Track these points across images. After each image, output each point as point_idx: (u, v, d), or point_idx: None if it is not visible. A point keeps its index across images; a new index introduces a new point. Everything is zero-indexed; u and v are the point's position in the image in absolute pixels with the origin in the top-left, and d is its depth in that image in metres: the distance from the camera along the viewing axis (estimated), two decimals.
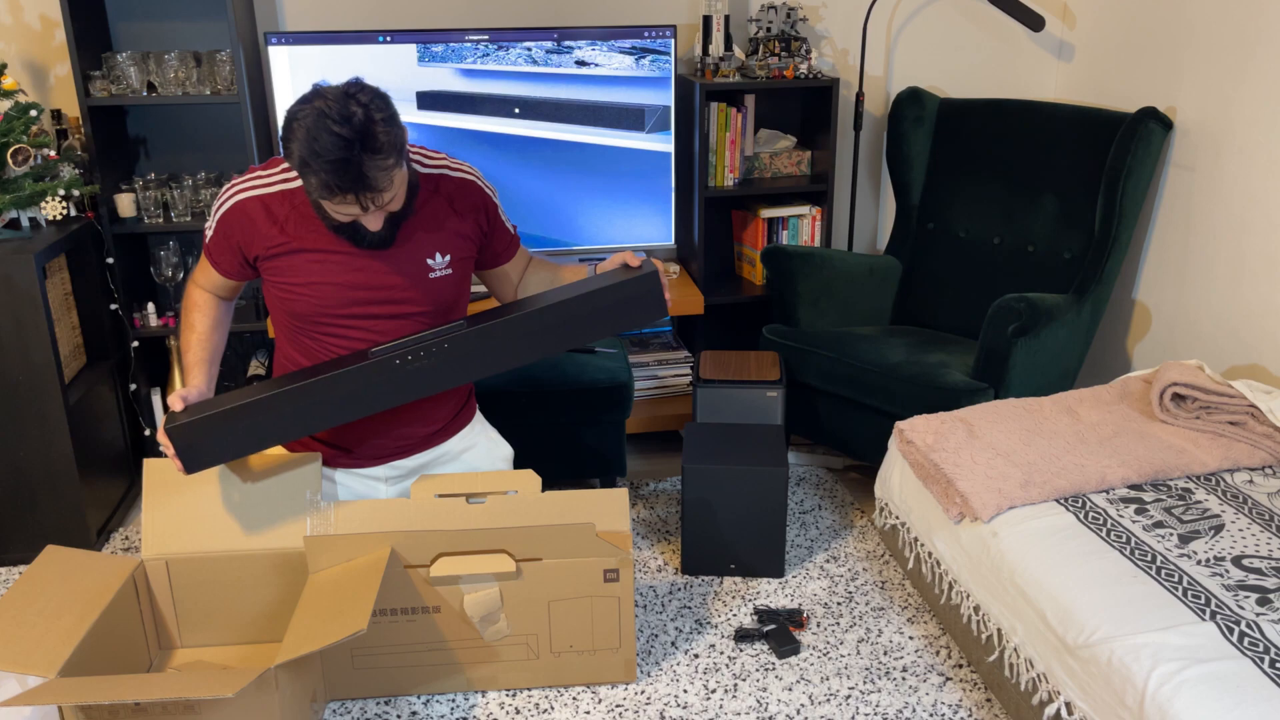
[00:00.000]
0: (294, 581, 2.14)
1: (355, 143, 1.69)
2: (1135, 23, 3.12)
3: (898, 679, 2.22)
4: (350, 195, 1.74)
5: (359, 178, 1.72)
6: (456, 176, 2.07)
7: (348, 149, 1.69)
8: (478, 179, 2.11)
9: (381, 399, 1.91)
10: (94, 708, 1.80)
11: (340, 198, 1.75)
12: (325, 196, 1.75)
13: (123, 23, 3.01)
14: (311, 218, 1.95)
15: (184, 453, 1.87)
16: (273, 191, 1.96)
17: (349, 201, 1.77)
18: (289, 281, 1.98)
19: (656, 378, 3.31)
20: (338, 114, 1.69)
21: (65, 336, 2.71)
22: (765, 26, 3.24)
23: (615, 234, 3.24)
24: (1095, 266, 2.92)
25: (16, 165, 2.61)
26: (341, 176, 1.70)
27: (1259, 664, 1.62)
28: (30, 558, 2.67)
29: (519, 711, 2.14)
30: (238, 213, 1.96)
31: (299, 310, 2.01)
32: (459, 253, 2.06)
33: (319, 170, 1.71)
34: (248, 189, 1.97)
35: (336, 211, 1.83)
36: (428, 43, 2.99)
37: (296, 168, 1.75)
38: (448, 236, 2.04)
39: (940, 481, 2.26)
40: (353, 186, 1.72)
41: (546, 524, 2.06)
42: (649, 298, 1.97)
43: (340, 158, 1.69)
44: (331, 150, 1.69)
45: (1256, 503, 2.12)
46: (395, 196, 1.83)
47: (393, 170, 1.76)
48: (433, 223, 2.02)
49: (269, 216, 1.95)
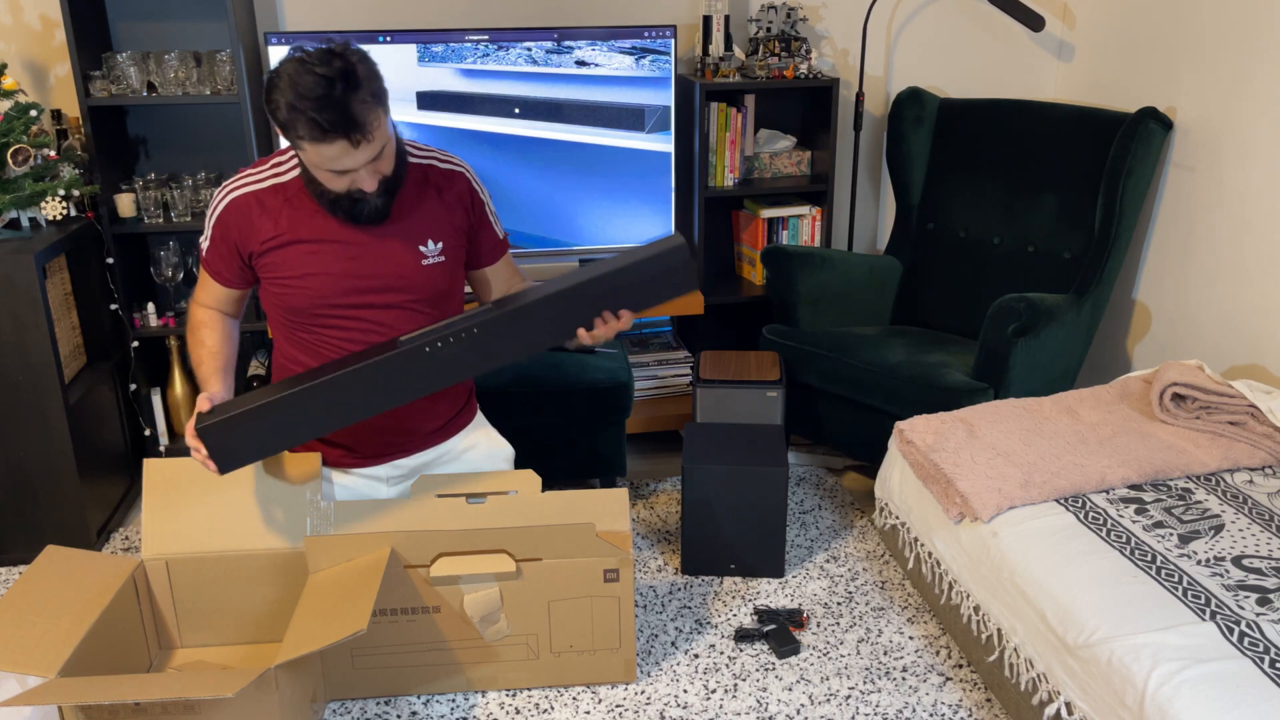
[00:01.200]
0: (294, 581, 2.14)
1: (337, 80, 1.73)
2: (1135, 23, 3.12)
3: (898, 679, 2.22)
4: (339, 136, 1.76)
5: (344, 113, 1.74)
6: (444, 167, 2.09)
7: (330, 86, 1.73)
8: (467, 172, 2.12)
9: (412, 388, 1.88)
10: (94, 708, 1.80)
11: (330, 140, 1.76)
12: (316, 139, 1.77)
13: (123, 23, 3.01)
14: (304, 208, 1.97)
15: (216, 452, 1.84)
16: (264, 186, 1.98)
17: (339, 148, 1.78)
18: (285, 276, 1.99)
19: (656, 378, 3.31)
20: (318, 59, 1.76)
21: (65, 336, 2.71)
22: (765, 26, 3.24)
23: (615, 234, 3.24)
24: (1095, 266, 2.92)
25: (16, 165, 2.61)
26: (328, 111, 1.73)
27: (1259, 664, 1.62)
28: (30, 558, 2.67)
29: (519, 711, 2.14)
30: (232, 211, 1.98)
31: (296, 304, 2.01)
32: (450, 241, 2.07)
33: (305, 110, 1.73)
34: (239, 187, 1.99)
35: (331, 170, 1.84)
36: (428, 43, 2.99)
37: (284, 117, 1.77)
38: (438, 224, 2.05)
39: (940, 481, 2.26)
40: (340, 124, 1.75)
41: (546, 524, 2.06)
42: (679, 270, 1.92)
43: (324, 94, 1.73)
44: (315, 88, 1.73)
45: (1256, 503, 2.12)
46: (385, 152, 1.85)
47: (377, 109, 1.79)
48: (423, 209, 2.04)
49: (263, 209, 1.97)
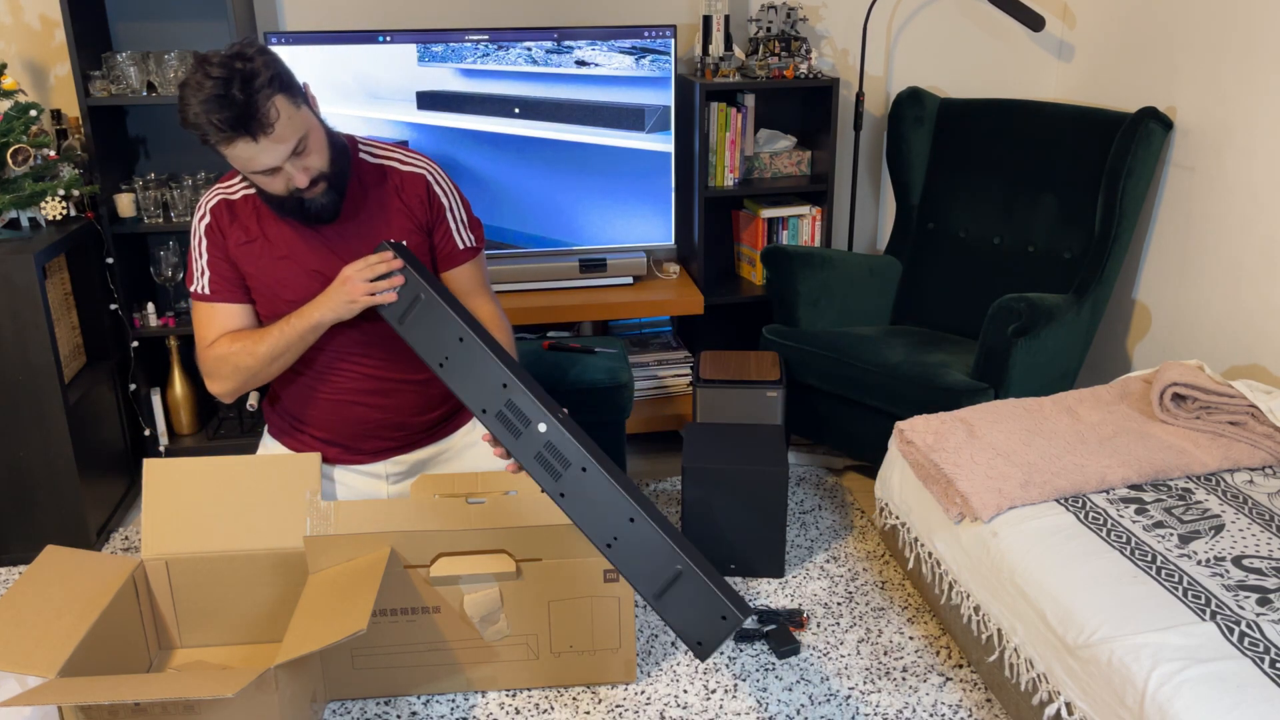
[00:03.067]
0: (294, 581, 2.14)
1: (231, 79, 1.73)
2: (1135, 23, 3.12)
3: (898, 679, 2.22)
4: (243, 133, 1.75)
5: (242, 111, 1.74)
6: (405, 169, 2.07)
7: (224, 86, 1.73)
8: (429, 173, 2.09)
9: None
10: (94, 708, 1.80)
11: (233, 140, 1.76)
12: (221, 141, 1.77)
13: (123, 23, 3.01)
14: (268, 218, 2.00)
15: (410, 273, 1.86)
16: (238, 197, 2.02)
17: (244, 146, 1.77)
18: (258, 285, 2.02)
19: (656, 378, 3.31)
20: (217, 62, 1.76)
21: (65, 336, 2.71)
22: (765, 26, 3.23)
23: (615, 234, 3.24)
24: (1095, 266, 2.92)
25: (16, 165, 2.61)
26: (225, 110, 1.73)
27: (1259, 664, 1.62)
28: (30, 558, 2.67)
29: (519, 711, 2.14)
30: (217, 215, 2.01)
31: (279, 314, 2.02)
32: (411, 240, 2.06)
33: (206, 113, 1.73)
34: (216, 195, 2.03)
35: (257, 173, 1.84)
36: (428, 43, 2.99)
37: (191, 126, 1.77)
38: (398, 225, 2.05)
39: (940, 481, 2.26)
40: (239, 121, 1.74)
41: (546, 524, 2.06)
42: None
43: (218, 94, 1.73)
44: (210, 90, 1.73)
45: (1257, 503, 2.12)
46: (308, 146, 1.84)
47: (281, 102, 1.77)
48: (382, 211, 2.04)
49: (234, 217, 2.01)
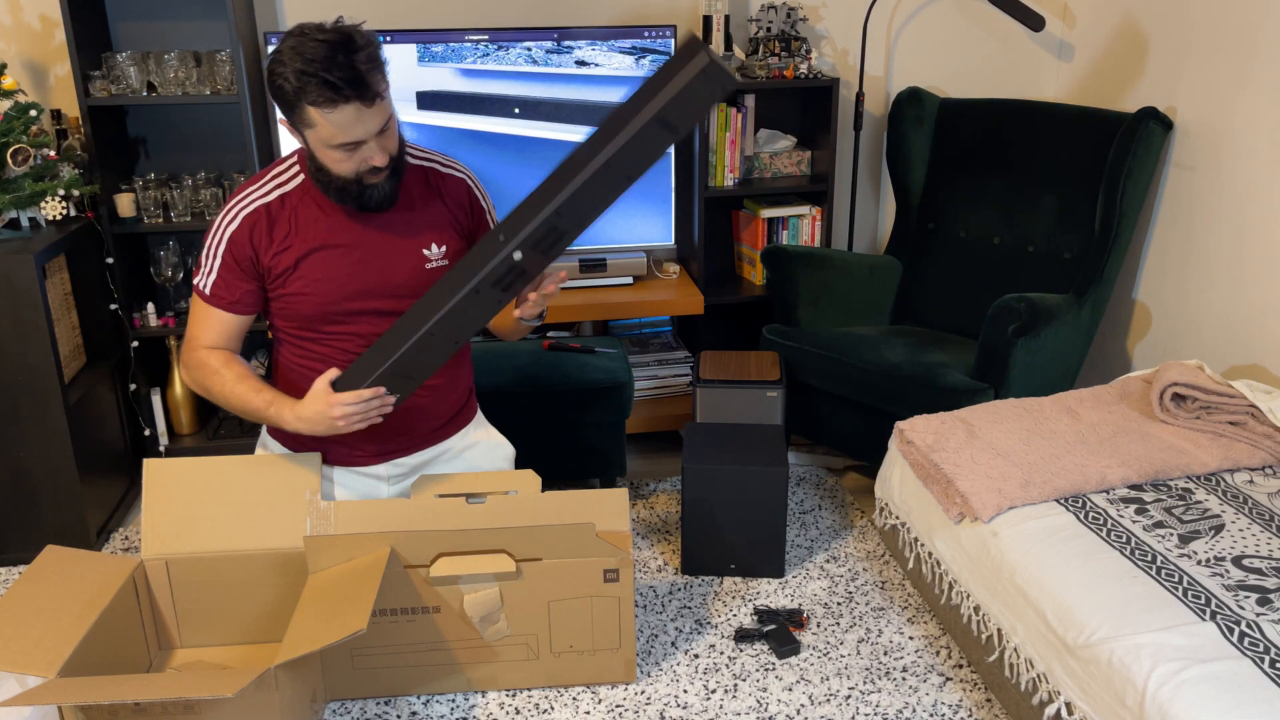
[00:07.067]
0: (294, 581, 2.14)
1: (340, 44, 1.77)
2: (1135, 23, 3.12)
3: (898, 679, 2.22)
4: (352, 96, 1.77)
5: (353, 74, 1.77)
6: (445, 171, 2.10)
7: (334, 49, 1.77)
8: (469, 178, 2.13)
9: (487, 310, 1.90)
10: (94, 708, 1.80)
11: (343, 102, 1.78)
12: (329, 102, 1.78)
13: (123, 23, 3.01)
14: (308, 214, 1.97)
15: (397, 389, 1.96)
16: (272, 198, 1.99)
17: (352, 112, 1.79)
18: (293, 283, 1.99)
19: (656, 378, 3.31)
20: (316, 28, 1.80)
21: (65, 336, 2.71)
22: (765, 26, 3.23)
23: (615, 234, 3.24)
24: (1095, 266, 2.92)
25: (16, 165, 2.61)
26: (338, 70, 1.76)
27: (1259, 664, 1.62)
28: (30, 558, 2.67)
29: (519, 711, 2.14)
30: (245, 227, 1.97)
31: (305, 312, 2.01)
32: (453, 245, 2.08)
33: (316, 72, 1.76)
34: (248, 203, 1.99)
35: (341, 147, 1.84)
36: (428, 43, 2.99)
37: (294, 86, 1.78)
38: (440, 227, 2.06)
39: (940, 481, 2.26)
40: (351, 81, 1.77)
41: (546, 524, 2.06)
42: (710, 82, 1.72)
43: (329, 55, 1.76)
44: (320, 51, 1.76)
45: (1257, 503, 2.12)
46: (390, 126, 1.87)
47: (381, 73, 1.82)
48: (425, 211, 2.05)
49: (272, 220, 1.98)
